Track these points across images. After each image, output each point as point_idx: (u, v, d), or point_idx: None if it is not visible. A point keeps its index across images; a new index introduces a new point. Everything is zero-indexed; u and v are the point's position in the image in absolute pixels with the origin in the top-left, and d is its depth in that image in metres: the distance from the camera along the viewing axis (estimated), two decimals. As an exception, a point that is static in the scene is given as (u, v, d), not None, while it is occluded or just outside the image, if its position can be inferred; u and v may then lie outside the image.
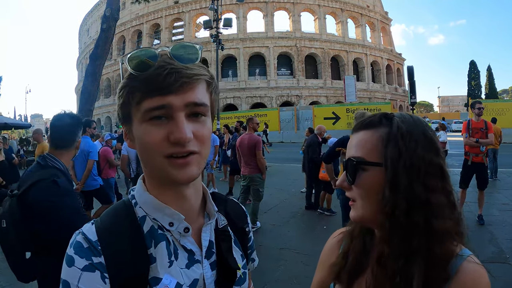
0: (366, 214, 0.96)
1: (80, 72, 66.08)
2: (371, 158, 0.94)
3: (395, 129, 0.94)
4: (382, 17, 60.74)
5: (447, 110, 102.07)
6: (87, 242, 0.82)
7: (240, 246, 1.08)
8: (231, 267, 0.96)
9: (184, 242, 0.91)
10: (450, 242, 0.91)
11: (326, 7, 53.48)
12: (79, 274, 0.78)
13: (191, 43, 0.86)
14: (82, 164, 6.51)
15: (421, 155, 0.91)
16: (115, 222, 0.88)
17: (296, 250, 5.72)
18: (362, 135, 0.99)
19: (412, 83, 13.41)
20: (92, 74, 14.12)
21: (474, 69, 66.60)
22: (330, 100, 49.03)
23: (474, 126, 7.07)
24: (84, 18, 72.01)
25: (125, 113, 0.86)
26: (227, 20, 22.06)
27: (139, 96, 0.81)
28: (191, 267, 0.90)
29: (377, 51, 56.81)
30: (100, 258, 0.80)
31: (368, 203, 0.95)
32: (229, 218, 1.07)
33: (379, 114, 1.00)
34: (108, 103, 60.14)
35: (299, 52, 50.42)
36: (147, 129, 0.81)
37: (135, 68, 0.81)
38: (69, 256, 0.80)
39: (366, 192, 0.95)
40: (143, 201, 0.90)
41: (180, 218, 0.88)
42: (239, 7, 49.86)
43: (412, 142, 0.92)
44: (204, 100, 0.85)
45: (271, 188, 10.71)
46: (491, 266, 4.96)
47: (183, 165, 0.81)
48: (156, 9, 55.03)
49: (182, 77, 0.80)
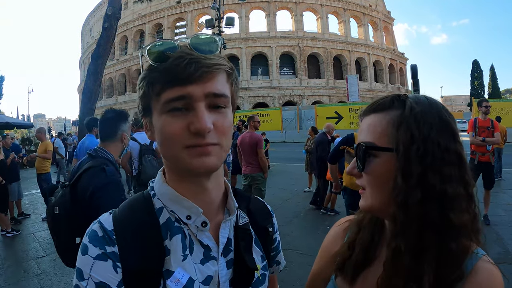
0: (375, 204, 0.90)
1: (83, 72, 66.18)
2: (381, 143, 0.88)
3: (408, 111, 0.87)
4: (385, 16, 60.59)
5: (450, 110, 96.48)
6: (102, 231, 0.83)
7: (262, 247, 1.04)
8: (248, 267, 0.92)
9: (201, 237, 0.88)
10: (466, 238, 0.84)
11: (328, 7, 53.35)
12: (92, 262, 0.78)
13: (211, 35, 0.86)
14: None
15: (436, 140, 0.84)
16: (132, 212, 0.88)
17: (299, 251, 5.66)
18: (372, 119, 0.93)
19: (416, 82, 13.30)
20: (94, 73, 14.13)
21: (477, 68, 66.43)
22: (332, 100, 48.97)
23: (481, 125, 7.00)
24: (86, 18, 72.05)
25: (145, 104, 0.86)
26: (230, 19, 21.96)
27: (159, 87, 0.80)
28: (206, 263, 0.87)
29: (380, 50, 56.67)
30: (113, 247, 0.80)
31: (378, 192, 0.89)
32: (251, 216, 1.04)
33: (391, 96, 0.93)
34: (110, 103, 60.16)
35: (301, 51, 50.32)
36: (167, 120, 0.80)
37: (155, 59, 0.80)
38: (84, 244, 0.81)
39: (377, 179, 0.89)
40: (162, 192, 0.89)
41: (198, 211, 0.86)
42: (241, 6, 49.87)
43: (426, 125, 0.85)
44: (224, 91, 0.83)
45: (274, 187, 10.67)
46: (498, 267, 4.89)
47: (202, 154, 0.79)
48: (158, 9, 55.10)
49: (202, 67, 0.78)
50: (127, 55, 58.62)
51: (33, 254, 6.21)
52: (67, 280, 5.08)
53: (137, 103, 0.90)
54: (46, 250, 6.41)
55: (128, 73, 57.51)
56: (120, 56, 59.46)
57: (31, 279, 5.17)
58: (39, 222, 8.36)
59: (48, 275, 5.26)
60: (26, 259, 6.00)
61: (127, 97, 57.45)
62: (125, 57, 58.72)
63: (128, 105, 56.29)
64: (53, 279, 5.12)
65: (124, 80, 59.44)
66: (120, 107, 58.22)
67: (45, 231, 7.57)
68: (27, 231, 7.66)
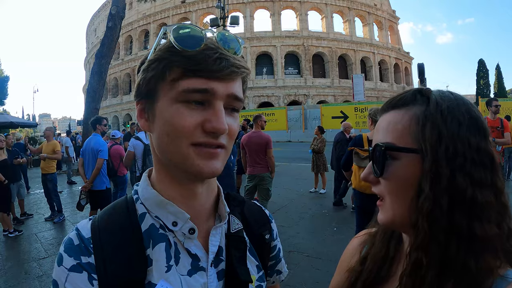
0: (397, 215, 0.76)
1: (88, 72, 66.45)
2: (403, 143, 0.75)
3: (433, 106, 0.75)
4: (390, 15, 60.40)
5: None
6: (79, 239, 0.77)
7: (258, 256, 0.96)
8: (241, 279, 0.83)
9: (189, 245, 0.80)
10: (491, 257, 0.68)
11: (333, 6, 53.24)
12: (66, 274, 0.72)
13: (235, 36, 0.80)
14: (91, 162, 6.49)
15: (466, 139, 0.71)
16: (112, 219, 0.81)
17: (305, 253, 5.54)
18: (392, 116, 0.80)
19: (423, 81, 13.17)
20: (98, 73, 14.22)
21: (482, 68, 66.03)
22: (337, 99, 48.92)
23: (490, 125, 6.87)
24: (91, 18, 72.48)
25: (151, 87, 0.76)
26: (234, 17, 21.91)
27: (179, 72, 0.72)
28: (194, 274, 0.79)
29: (385, 50, 56.50)
30: (89, 258, 0.74)
31: (400, 201, 0.76)
32: (245, 222, 0.95)
33: (413, 90, 0.81)
34: (115, 103, 60.50)
35: (306, 51, 50.22)
36: (180, 111, 0.72)
37: (181, 43, 0.71)
38: (59, 254, 0.76)
39: (398, 186, 0.75)
40: (145, 197, 0.82)
41: (185, 217, 0.79)
42: (246, 6, 50.02)
43: (454, 122, 0.72)
44: (241, 96, 0.78)
45: (279, 188, 10.58)
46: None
47: (211, 156, 0.74)
48: (163, 8, 55.21)
49: (232, 66, 0.73)
50: (132, 55, 58.82)
51: (34, 255, 6.16)
52: (69, 282, 4.98)
53: (136, 84, 0.83)
54: (48, 251, 6.36)
55: (133, 72, 57.64)
56: (125, 56, 59.69)
57: (32, 280, 5.11)
58: (42, 222, 8.33)
59: (50, 277, 5.10)
60: (27, 260, 5.95)
61: (132, 97, 57.31)
62: (130, 57, 58.93)
63: (133, 105, 56.25)
64: (54, 281, 5.02)
65: (129, 80, 59.62)
66: (124, 107, 58.42)
67: (48, 232, 7.54)
68: (30, 232, 7.62)
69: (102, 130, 6.95)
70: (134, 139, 6.95)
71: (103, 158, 6.43)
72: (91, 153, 6.48)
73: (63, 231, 7.65)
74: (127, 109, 58.04)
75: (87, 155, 6.59)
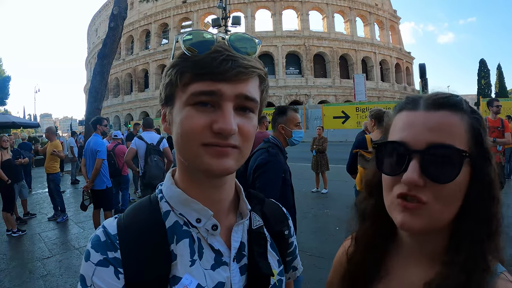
0: (440, 221, 0.77)
1: (89, 72, 66.51)
2: (463, 147, 0.75)
3: (479, 116, 0.78)
4: (391, 15, 60.37)
5: None
6: (105, 235, 0.80)
7: (278, 251, 0.99)
8: (263, 273, 0.86)
9: (212, 241, 0.84)
10: (490, 255, 0.76)
11: (334, 6, 53.25)
12: (94, 268, 0.75)
13: (251, 36, 0.82)
14: (91, 162, 6.57)
15: (490, 149, 0.78)
16: (136, 216, 0.84)
17: (308, 252, 5.55)
18: (445, 117, 0.77)
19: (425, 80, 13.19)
20: (100, 73, 14.23)
21: (484, 67, 65.96)
22: (339, 99, 48.90)
23: (491, 125, 6.91)
24: (92, 18, 72.48)
25: (169, 93, 0.81)
26: (236, 18, 21.93)
27: (189, 77, 0.76)
28: (217, 269, 0.82)
29: (386, 49, 56.50)
30: (115, 253, 0.77)
31: (449, 207, 0.76)
32: (265, 219, 0.99)
33: (457, 95, 0.81)
34: (116, 103, 60.53)
35: (307, 51, 50.23)
36: (190, 113, 0.75)
37: (190, 49, 0.76)
38: (87, 250, 0.78)
39: (452, 192, 0.75)
40: (170, 195, 0.86)
41: (208, 214, 0.83)
42: (247, 6, 50.05)
43: (486, 134, 0.78)
44: (255, 96, 0.80)
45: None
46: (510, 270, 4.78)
47: (220, 155, 0.75)
48: (164, 8, 55.24)
49: (238, 66, 0.75)
50: (133, 55, 58.86)
51: (38, 255, 6.18)
52: (73, 281, 5.04)
53: (159, 91, 0.86)
54: (52, 250, 6.38)
55: (134, 73, 57.75)
56: (126, 56, 59.71)
57: (37, 280, 5.14)
58: (45, 222, 8.36)
59: (54, 276, 5.22)
60: (31, 260, 5.97)
61: (133, 97, 57.68)
62: (131, 57, 58.97)
63: (135, 105, 56.54)
64: (58, 280, 5.08)
65: (130, 80, 59.66)
66: (126, 107, 58.23)
67: (51, 231, 7.57)
68: (33, 231, 7.64)
69: (102, 131, 7.00)
70: (137, 138, 6.98)
71: (101, 158, 6.50)
72: (91, 154, 6.57)
73: (67, 231, 7.68)
74: (128, 109, 58.07)
75: (88, 155, 6.69)
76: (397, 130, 0.82)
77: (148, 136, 6.90)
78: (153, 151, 6.69)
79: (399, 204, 0.78)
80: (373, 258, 0.91)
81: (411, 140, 0.78)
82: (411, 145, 0.77)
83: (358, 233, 0.97)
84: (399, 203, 0.78)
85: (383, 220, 0.87)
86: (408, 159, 0.76)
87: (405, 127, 0.80)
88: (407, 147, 0.77)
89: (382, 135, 0.93)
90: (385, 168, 0.83)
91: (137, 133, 10.32)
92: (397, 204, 0.78)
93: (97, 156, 6.45)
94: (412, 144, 0.77)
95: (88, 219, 7.96)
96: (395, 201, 0.79)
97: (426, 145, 0.75)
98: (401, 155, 0.78)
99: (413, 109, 0.81)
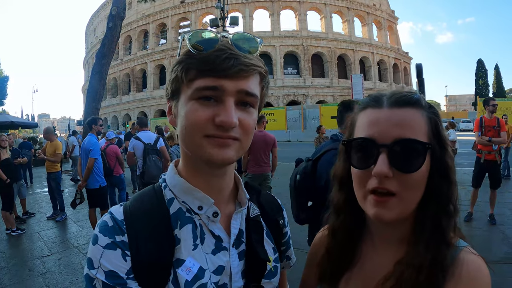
0: (409, 209, 0.84)
1: (87, 72, 66.47)
2: (426, 140, 0.84)
3: (435, 111, 0.88)
4: (389, 15, 60.51)
5: (454, 109, 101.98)
6: (112, 221, 0.84)
7: (273, 239, 1.05)
8: (261, 259, 0.93)
9: (212, 228, 0.90)
10: (451, 231, 0.86)
11: (332, 6, 53.36)
12: (101, 251, 0.79)
13: (253, 36, 0.88)
14: (85, 161, 6.61)
15: (447, 139, 0.89)
16: (142, 203, 0.89)
17: (304, 250, 5.54)
18: (408, 113, 0.85)
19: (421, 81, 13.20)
20: (98, 73, 14.24)
21: (481, 67, 66.27)
22: (336, 99, 48.85)
23: (487, 124, 6.97)
24: (90, 18, 72.43)
25: (175, 88, 0.87)
26: (234, 18, 21.86)
27: (194, 73, 0.81)
28: (217, 253, 0.88)
29: (384, 50, 56.64)
30: (123, 237, 0.81)
31: (416, 194, 0.84)
32: (262, 209, 1.05)
33: (415, 92, 0.91)
34: (115, 103, 60.50)
35: (305, 51, 50.33)
36: (194, 107, 0.81)
37: (195, 47, 0.81)
38: (95, 235, 0.82)
39: (418, 180, 0.83)
40: (173, 184, 0.91)
41: (210, 202, 0.88)
42: (245, 6, 50.05)
43: (442, 124, 0.89)
44: (256, 91, 0.85)
45: (279, 187, 10.56)
46: (505, 267, 4.86)
47: (222, 145, 0.81)
48: (162, 8, 55.23)
49: (240, 64, 0.80)
50: (131, 55, 58.87)
51: (38, 253, 6.21)
52: (72, 279, 5.08)
53: (166, 86, 0.92)
54: (51, 249, 6.42)
55: (132, 73, 57.75)
56: (124, 56, 59.72)
57: (36, 278, 5.17)
58: (44, 221, 8.40)
59: (53, 274, 5.26)
60: (31, 258, 6.01)
61: (131, 97, 57.72)
62: (129, 57, 58.98)
63: (132, 105, 56.51)
64: (58, 278, 5.12)
65: (128, 80, 59.66)
66: (124, 107, 58.10)
67: (50, 230, 7.60)
68: (32, 230, 7.68)
69: (98, 130, 7.01)
70: (134, 139, 6.97)
71: (93, 157, 6.51)
72: (85, 153, 6.60)
73: (66, 230, 7.73)
74: (126, 109, 58.07)
75: (83, 155, 6.74)
76: (363, 126, 0.88)
77: (145, 135, 6.94)
78: (151, 150, 6.73)
79: (373, 198, 0.84)
80: (349, 247, 0.98)
81: (378, 136, 0.84)
82: (378, 140, 0.83)
83: (334, 225, 1.03)
84: (372, 197, 0.84)
85: (356, 212, 0.94)
86: (377, 154, 0.82)
87: (371, 124, 0.86)
88: (375, 142, 0.83)
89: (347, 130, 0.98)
90: (355, 163, 0.88)
91: (135, 133, 10.33)
92: (370, 198, 0.85)
93: (90, 155, 6.48)
94: (379, 140, 0.83)
95: (87, 218, 7.96)
96: (368, 196, 0.85)
97: (393, 139, 0.81)
98: (370, 150, 0.84)
99: (377, 107, 0.88)
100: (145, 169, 6.65)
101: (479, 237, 6.06)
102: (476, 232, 6.27)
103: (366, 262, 0.95)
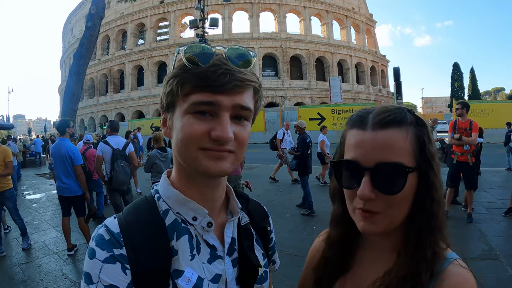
0: (393, 224, 0.89)
1: (64, 72, 65.35)
2: (410, 163, 0.86)
3: (423, 126, 0.90)
4: (367, 19, 61.32)
5: (431, 111, 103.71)
6: (109, 234, 0.84)
7: (262, 245, 1.09)
8: (252, 265, 0.96)
9: (207, 237, 0.92)
10: (440, 243, 0.90)
11: (311, 9, 53.76)
12: (100, 265, 0.79)
13: (246, 50, 0.89)
14: (60, 166, 6.15)
15: (434, 150, 0.91)
16: (137, 215, 0.89)
17: (286, 251, 5.66)
18: (390, 135, 0.86)
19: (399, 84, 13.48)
20: (76, 73, 14.01)
21: (457, 71, 67.61)
22: (315, 101, 49.26)
23: (460, 126, 7.35)
24: (68, 17, 71.18)
25: (170, 101, 0.88)
26: (214, 20, 21.79)
27: (189, 88, 0.82)
28: (213, 262, 0.91)
29: (362, 52, 57.32)
30: (121, 250, 0.81)
31: (400, 212, 0.88)
32: (251, 217, 1.08)
33: (403, 108, 0.92)
34: (91, 104, 59.58)
35: (284, 53, 50.52)
36: (190, 121, 0.82)
37: (190, 62, 0.82)
38: (91, 248, 0.82)
39: (402, 200, 0.86)
40: (167, 195, 0.92)
41: (204, 212, 0.90)
42: (225, 7, 49.89)
43: (433, 143, 0.92)
44: (250, 105, 0.88)
45: (259, 189, 10.69)
46: (482, 263, 5.09)
47: (217, 158, 0.83)
48: (141, 8, 54.66)
49: (235, 80, 0.82)
50: (109, 55, 58.09)
51: (16, 260, 6.09)
52: (53, 286, 5.03)
53: (160, 98, 0.93)
54: (30, 256, 6.31)
55: (110, 73, 56.99)
56: (102, 56, 58.90)
57: (17, 285, 5.09)
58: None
59: (34, 281, 5.18)
60: (10, 266, 5.89)
61: (109, 98, 56.93)
62: (107, 57, 58.19)
63: (110, 106, 55.74)
64: (39, 286, 5.05)
65: (106, 80, 58.88)
66: (101, 108, 57.14)
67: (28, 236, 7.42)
68: (10, 236, 7.53)
69: (71, 133, 6.77)
70: (102, 143, 6.71)
71: (79, 164, 6.19)
72: (62, 158, 6.14)
73: (44, 235, 7.59)
74: (103, 110, 57.19)
75: (57, 160, 6.22)
76: (350, 147, 0.92)
77: (114, 140, 6.74)
78: (120, 156, 6.57)
79: (360, 214, 0.89)
80: (344, 255, 1.03)
81: (361, 159, 0.87)
82: (362, 163, 0.87)
83: (332, 233, 1.09)
84: (359, 212, 0.89)
85: (351, 223, 0.97)
86: (360, 176, 0.86)
87: (356, 146, 0.90)
88: (359, 164, 0.87)
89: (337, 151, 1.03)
90: (343, 182, 0.93)
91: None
92: (358, 213, 0.90)
93: (74, 163, 6.12)
94: (362, 162, 0.86)
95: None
96: (356, 211, 0.90)
97: (375, 163, 0.85)
98: (355, 172, 0.88)
99: (361, 129, 0.90)
100: (113, 175, 6.47)
101: (457, 235, 6.28)
102: (453, 231, 6.45)
103: (360, 269, 1.00)
